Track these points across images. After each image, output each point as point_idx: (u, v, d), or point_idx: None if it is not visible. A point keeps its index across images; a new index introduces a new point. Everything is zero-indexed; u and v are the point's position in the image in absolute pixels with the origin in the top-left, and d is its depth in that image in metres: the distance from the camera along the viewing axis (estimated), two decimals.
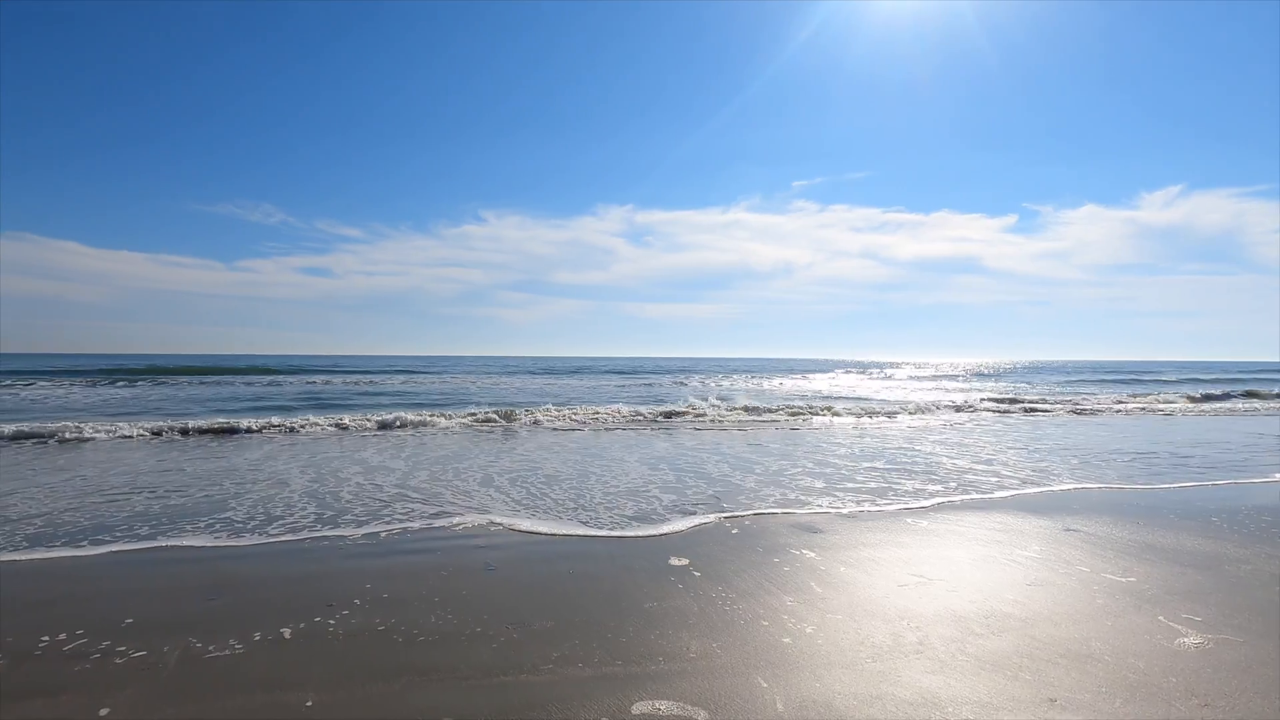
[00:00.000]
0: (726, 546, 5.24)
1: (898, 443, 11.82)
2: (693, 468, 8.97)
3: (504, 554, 5.07)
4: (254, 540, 5.41)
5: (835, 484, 7.88)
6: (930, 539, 5.49)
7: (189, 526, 5.80)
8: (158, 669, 3.15)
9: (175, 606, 3.96)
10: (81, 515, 6.18)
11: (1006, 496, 7.23)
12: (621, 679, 3.03)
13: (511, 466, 9.05)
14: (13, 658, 3.26)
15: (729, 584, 4.34)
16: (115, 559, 4.95)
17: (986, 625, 3.66)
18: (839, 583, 4.38)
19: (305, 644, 3.43)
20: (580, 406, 19.16)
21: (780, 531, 5.70)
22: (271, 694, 2.91)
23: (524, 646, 3.39)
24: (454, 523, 5.98)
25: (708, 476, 8.31)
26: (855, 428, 14.55)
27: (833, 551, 5.11)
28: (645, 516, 6.22)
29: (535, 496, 7.11)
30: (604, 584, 4.36)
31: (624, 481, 7.97)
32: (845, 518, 6.23)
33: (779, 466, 9.08)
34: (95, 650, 3.34)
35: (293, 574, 4.59)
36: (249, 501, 6.78)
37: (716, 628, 3.62)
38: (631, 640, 3.46)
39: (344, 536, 5.53)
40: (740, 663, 3.19)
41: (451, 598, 4.10)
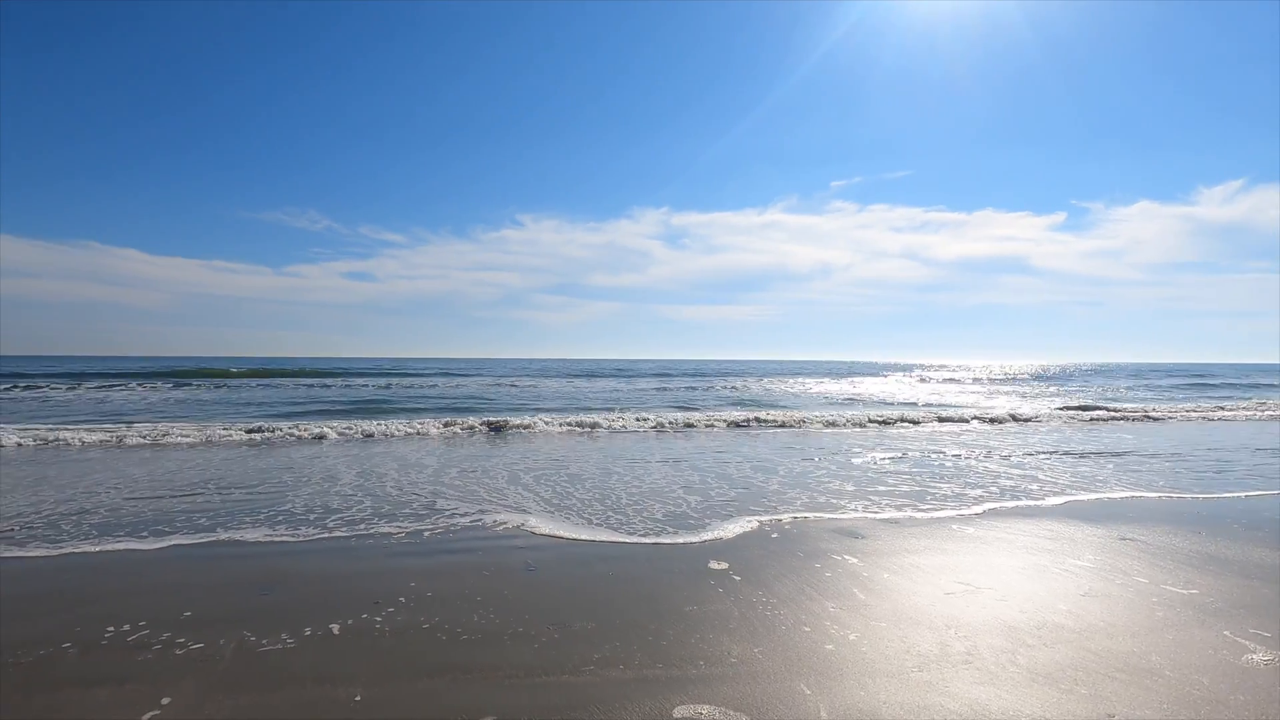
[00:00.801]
0: (766, 551, 5.19)
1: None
2: (764, 468, 8.92)
3: (544, 555, 5.12)
4: (303, 537, 5.57)
5: (920, 491, 7.74)
6: (977, 546, 5.34)
7: (246, 522, 6.00)
8: (214, 661, 3.26)
9: (230, 600, 4.10)
10: (147, 509, 6.45)
11: (1057, 504, 7.00)
12: (662, 682, 3.03)
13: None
14: (81, 646, 3.42)
15: (769, 589, 4.29)
16: (175, 552, 5.15)
17: (1039, 636, 3.54)
18: (882, 589, 4.30)
19: (353, 639, 3.51)
20: (658, 411, 19.28)
21: (820, 536, 5.62)
22: (322, 687, 2.99)
23: (565, 647, 3.42)
24: (493, 521, 6.06)
25: (772, 476, 8.25)
26: (951, 438, 14.26)
27: (875, 558, 5.01)
28: (685, 520, 6.20)
29: (603, 499, 7.16)
30: (643, 587, 4.36)
31: (705, 486, 7.96)
32: (887, 523, 6.10)
33: (861, 472, 8.96)
34: (156, 641, 3.48)
35: (340, 571, 4.71)
36: (305, 498, 6.99)
37: (758, 633, 3.59)
38: (672, 643, 3.45)
39: (388, 535, 5.65)
40: (782, 669, 3.16)
41: (493, 597, 4.15)
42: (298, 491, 7.43)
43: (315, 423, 14.14)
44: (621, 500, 7.06)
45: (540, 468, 9.20)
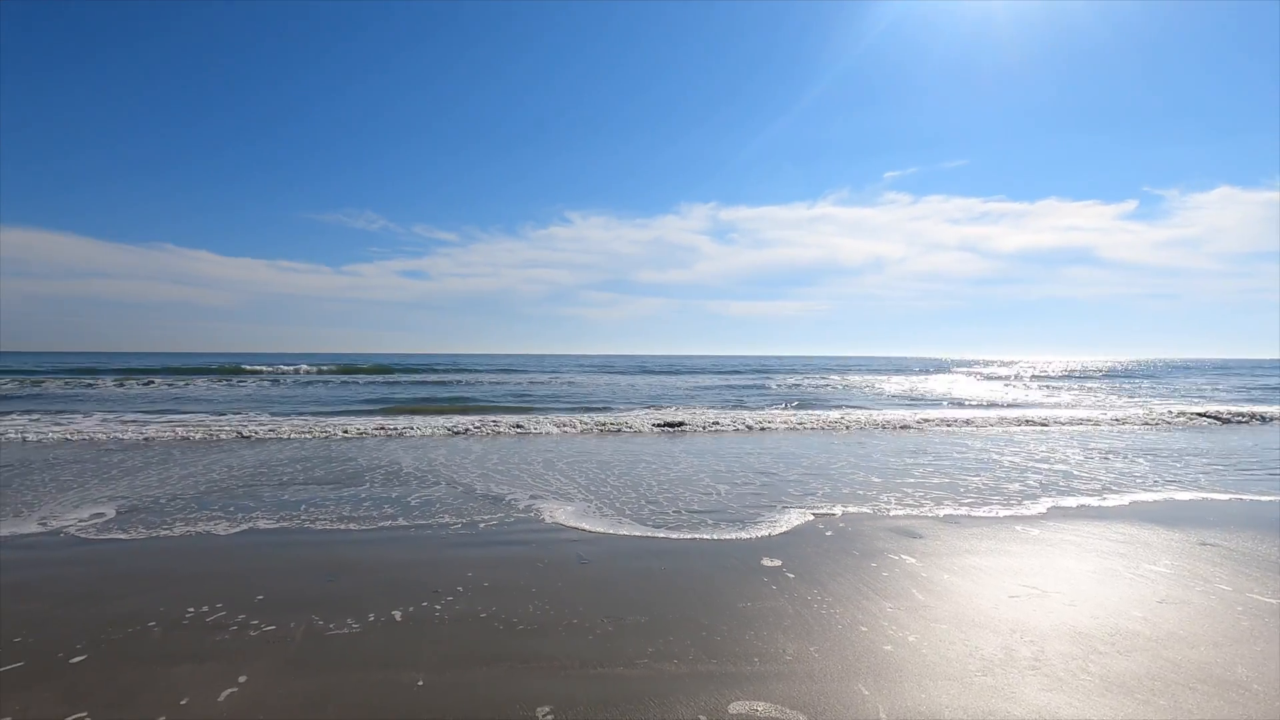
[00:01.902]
0: (821, 549, 5.11)
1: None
2: (860, 463, 8.82)
3: (597, 548, 5.17)
4: (367, 526, 5.77)
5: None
6: (1043, 549, 5.14)
7: (313, 511, 6.25)
8: (286, 643, 3.41)
9: (299, 585, 4.28)
10: (225, 497, 6.79)
11: (1124, 505, 6.68)
12: (717, 677, 3.02)
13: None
14: (166, 625, 3.63)
15: (824, 587, 4.23)
16: (250, 538, 5.40)
17: (1111, 644, 3.39)
18: (942, 591, 4.18)
19: (414, 627, 3.62)
20: (752, 410, 19.28)
21: (876, 535, 5.51)
22: (386, 672, 3.09)
23: (619, 640, 3.45)
24: (543, 517, 6.15)
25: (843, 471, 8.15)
26: (1031, 438, 13.84)
27: (934, 558, 4.88)
28: (741, 516, 6.17)
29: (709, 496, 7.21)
30: (696, 582, 4.36)
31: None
32: (945, 522, 5.93)
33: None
34: (233, 622, 3.66)
35: (401, 560, 4.86)
36: (378, 489, 7.25)
37: (813, 631, 3.54)
38: (726, 639, 3.44)
39: (446, 525, 5.80)
40: (839, 668, 3.11)
41: (547, 589, 4.22)
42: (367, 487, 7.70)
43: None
44: (709, 496, 7.08)
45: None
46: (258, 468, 8.65)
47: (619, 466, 8.94)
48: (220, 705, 2.78)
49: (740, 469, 8.77)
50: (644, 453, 10.33)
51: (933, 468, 8.90)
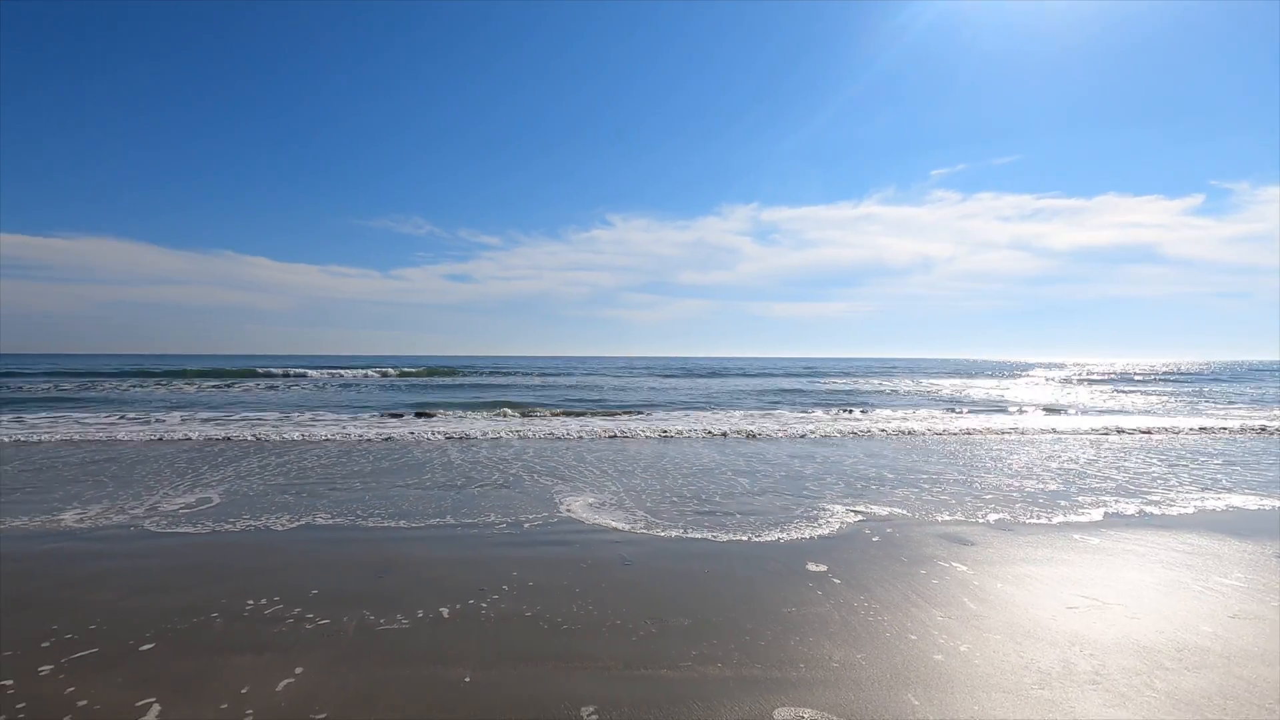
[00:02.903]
0: (867, 555, 5.02)
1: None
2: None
3: (640, 549, 5.17)
4: (416, 523, 5.90)
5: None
6: (1102, 558, 4.94)
7: (366, 509, 6.43)
8: (339, 636, 3.51)
9: (351, 581, 4.40)
10: (286, 495, 7.04)
11: (1189, 513, 6.36)
12: (761, 682, 2.99)
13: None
14: (226, 617, 3.78)
15: (871, 594, 4.15)
16: (305, 534, 5.59)
17: (1178, 659, 3.23)
18: (996, 600, 4.06)
19: (461, 623, 3.69)
20: (799, 412, 19.21)
21: (925, 541, 5.38)
22: (434, 667, 3.16)
23: (663, 641, 3.44)
24: (586, 518, 6.19)
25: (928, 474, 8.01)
26: (1091, 444, 13.40)
27: (986, 566, 4.74)
28: (785, 520, 6.10)
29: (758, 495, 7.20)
30: (739, 586, 4.33)
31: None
32: (997, 529, 5.75)
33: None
34: (289, 615, 3.79)
35: (448, 558, 4.95)
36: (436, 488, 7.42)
37: (860, 638, 3.48)
38: (770, 644, 3.40)
39: (492, 524, 5.89)
40: (887, 676, 3.05)
41: (591, 589, 4.24)
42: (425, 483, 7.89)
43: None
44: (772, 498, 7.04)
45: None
46: (318, 466, 8.95)
47: (662, 469, 8.95)
48: (277, 695, 2.88)
49: (785, 472, 8.68)
50: (687, 456, 10.32)
51: (980, 472, 8.64)
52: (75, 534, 5.55)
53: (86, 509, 6.40)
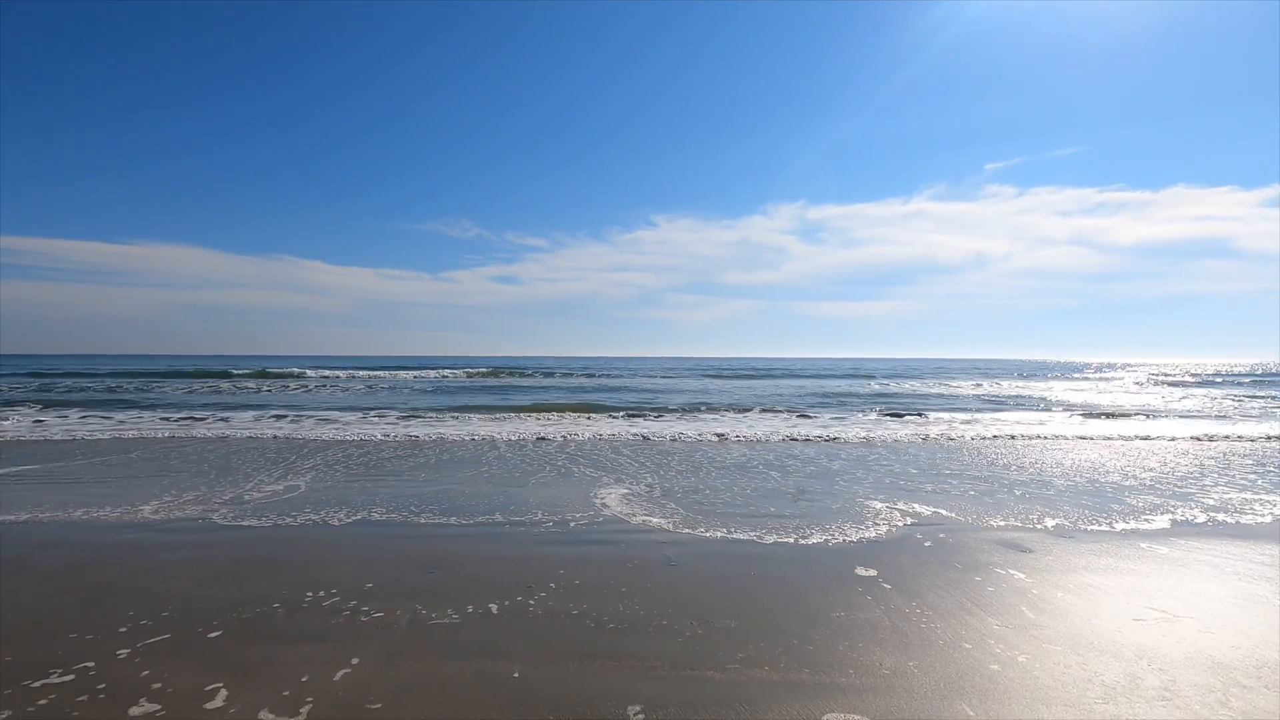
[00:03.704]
0: (919, 559, 4.90)
1: None
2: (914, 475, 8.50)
3: (684, 550, 5.17)
4: (465, 520, 6.03)
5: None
6: (1171, 568, 4.71)
7: (418, 505, 6.61)
8: (393, 629, 3.62)
9: (403, 576, 4.53)
10: (344, 491, 7.30)
11: (1267, 523, 6.00)
12: (810, 687, 2.95)
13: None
14: (288, 607, 3.93)
15: (923, 600, 4.05)
16: (359, 529, 5.77)
17: (1257, 677, 3.05)
18: (1056, 609, 3.91)
19: (510, 620, 3.75)
20: (852, 412, 19.06)
21: (980, 547, 5.22)
22: (484, 662, 3.22)
23: (709, 643, 3.43)
24: (632, 518, 6.21)
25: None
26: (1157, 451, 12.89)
27: (1045, 574, 4.57)
28: (833, 523, 6.01)
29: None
30: (786, 588, 4.28)
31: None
32: (1057, 536, 5.54)
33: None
34: (346, 608, 3.92)
35: (497, 555, 5.04)
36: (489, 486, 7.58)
37: (912, 645, 3.40)
38: (818, 649, 3.36)
39: (539, 523, 5.97)
40: (941, 685, 2.97)
41: (637, 589, 4.26)
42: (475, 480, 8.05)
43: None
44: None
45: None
46: (378, 462, 9.25)
47: (707, 470, 8.93)
48: (335, 685, 2.98)
49: (832, 475, 8.55)
50: (733, 457, 10.27)
51: (1037, 477, 8.34)
52: (150, 525, 5.86)
53: (162, 503, 6.75)
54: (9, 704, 2.80)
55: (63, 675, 3.05)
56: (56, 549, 5.13)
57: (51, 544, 5.26)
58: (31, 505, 6.60)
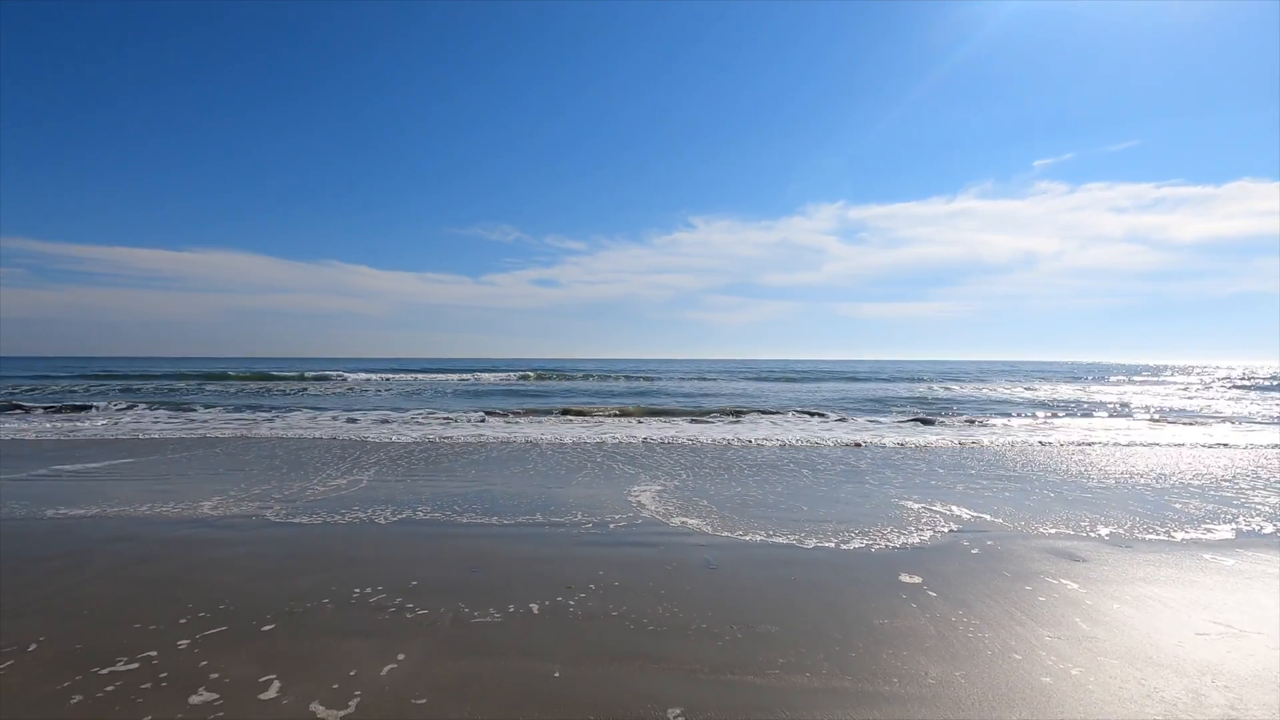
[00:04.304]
0: (965, 567, 4.77)
1: None
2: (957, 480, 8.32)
3: (724, 554, 5.14)
4: (507, 520, 6.12)
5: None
6: (1237, 581, 4.49)
7: (461, 505, 6.73)
8: (437, 627, 3.69)
9: (447, 574, 4.61)
10: (390, 491, 7.49)
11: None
12: (852, 695, 2.91)
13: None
14: (337, 603, 4.05)
15: (970, 609, 3.95)
16: (404, 527, 5.90)
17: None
18: (1112, 622, 3.76)
19: (550, 620, 3.79)
20: (894, 416, 18.86)
21: (1030, 556, 5.06)
22: (526, 661, 3.26)
23: (749, 647, 3.41)
24: (671, 520, 6.21)
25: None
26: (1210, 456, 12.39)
27: (1100, 584, 4.41)
28: (876, 529, 5.90)
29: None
30: (828, 594, 4.22)
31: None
32: (1112, 545, 5.33)
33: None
34: (391, 605, 4.02)
35: (537, 555, 5.10)
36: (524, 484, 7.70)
37: (958, 655, 3.32)
38: (861, 656, 3.30)
39: (579, 524, 6.01)
40: (989, 696, 2.89)
41: (676, 591, 4.26)
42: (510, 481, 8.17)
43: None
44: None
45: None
46: (422, 463, 9.47)
47: (745, 473, 8.87)
48: (382, 679, 3.06)
49: (875, 479, 8.41)
50: (770, 460, 10.18)
51: (1088, 484, 8.05)
52: (209, 522, 6.10)
53: (220, 500, 7.03)
54: (80, 689, 2.95)
55: (128, 663, 3.20)
56: (123, 543, 5.38)
57: (118, 538, 5.52)
58: (101, 500, 6.94)
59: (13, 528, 5.86)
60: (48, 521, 6.07)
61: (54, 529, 5.81)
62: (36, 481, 8.07)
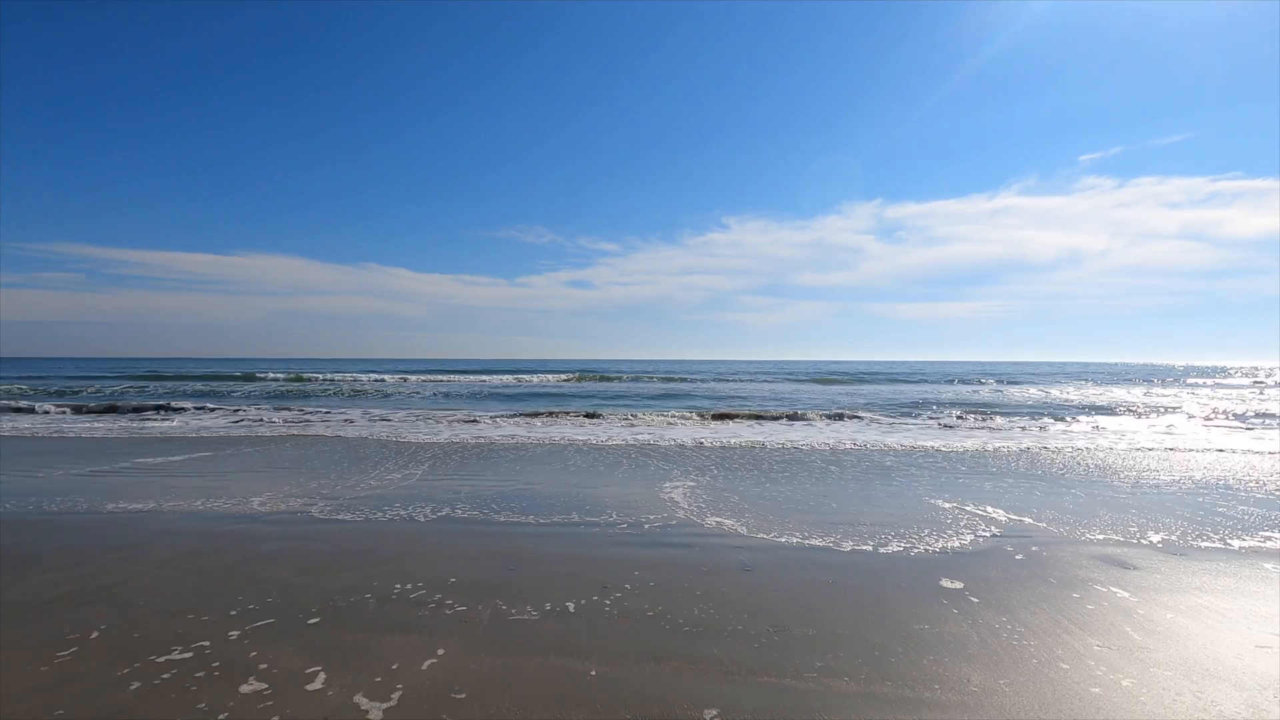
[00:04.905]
0: (1009, 573, 4.66)
1: None
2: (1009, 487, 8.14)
3: (759, 556, 5.11)
4: (543, 519, 6.18)
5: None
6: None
7: (499, 504, 6.83)
8: (475, 623, 3.75)
9: (484, 571, 4.68)
10: (429, 489, 7.64)
11: None
12: (892, 701, 2.87)
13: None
14: (378, 598, 4.14)
15: (1014, 615, 3.85)
16: (442, 526, 6.01)
17: None
18: (1165, 632, 3.63)
19: (586, 618, 3.82)
20: (938, 415, 18.64)
21: (1078, 562, 4.91)
22: (562, 659, 3.29)
23: (785, 650, 3.39)
24: (705, 521, 6.19)
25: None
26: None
27: (1152, 593, 4.25)
28: (915, 533, 5.80)
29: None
30: (866, 598, 4.16)
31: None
32: (1165, 552, 5.14)
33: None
34: (431, 601, 4.10)
35: (572, 554, 5.14)
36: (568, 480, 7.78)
37: (1002, 663, 3.24)
38: (901, 662, 3.25)
39: (614, 524, 6.05)
40: (1035, 706, 2.81)
41: (711, 593, 4.25)
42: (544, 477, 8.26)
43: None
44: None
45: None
46: (459, 462, 9.64)
47: (783, 475, 8.80)
48: (423, 674, 3.12)
49: (915, 482, 8.25)
50: (808, 462, 10.07)
51: (1137, 489, 7.77)
52: (257, 517, 6.31)
53: (268, 496, 7.26)
54: (139, 676, 3.08)
55: (182, 652, 3.33)
56: (177, 536, 5.59)
57: (172, 531, 5.74)
58: (158, 495, 7.23)
59: (75, 520, 6.15)
60: (108, 515, 6.35)
61: (113, 522, 6.08)
62: (100, 477, 8.44)
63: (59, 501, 6.94)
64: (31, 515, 6.38)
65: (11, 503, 6.91)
